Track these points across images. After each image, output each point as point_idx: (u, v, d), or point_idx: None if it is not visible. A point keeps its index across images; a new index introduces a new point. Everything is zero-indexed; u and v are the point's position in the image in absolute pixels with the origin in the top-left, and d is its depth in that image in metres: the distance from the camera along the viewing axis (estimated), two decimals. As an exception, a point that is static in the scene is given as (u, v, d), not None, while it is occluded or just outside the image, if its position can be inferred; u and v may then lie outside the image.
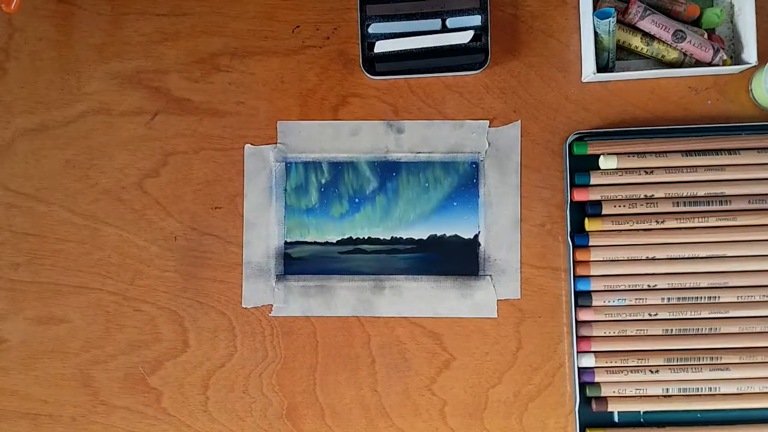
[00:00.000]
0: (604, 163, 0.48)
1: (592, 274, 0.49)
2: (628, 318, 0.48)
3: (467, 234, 0.50)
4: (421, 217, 0.50)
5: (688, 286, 0.48)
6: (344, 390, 0.50)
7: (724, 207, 0.48)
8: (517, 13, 0.51)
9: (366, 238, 0.50)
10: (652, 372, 0.48)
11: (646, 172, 0.48)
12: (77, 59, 0.51)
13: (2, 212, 0.51)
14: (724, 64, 0.48)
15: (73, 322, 0.51)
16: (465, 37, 0.49)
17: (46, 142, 0.51)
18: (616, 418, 0.49)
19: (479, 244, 0.50)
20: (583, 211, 0.49)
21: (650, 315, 0.48)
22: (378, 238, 0.50)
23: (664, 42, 0.49)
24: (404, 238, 0.50)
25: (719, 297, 0.48)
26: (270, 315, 0.50)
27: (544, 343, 0.50)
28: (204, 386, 0.50)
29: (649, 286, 0.48)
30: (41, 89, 0.51)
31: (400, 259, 0.50)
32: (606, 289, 0.49)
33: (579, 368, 0.48)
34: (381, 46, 0.49)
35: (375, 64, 0.50)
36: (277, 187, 0.51)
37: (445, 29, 0.49)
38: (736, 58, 0.50)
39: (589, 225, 0.49)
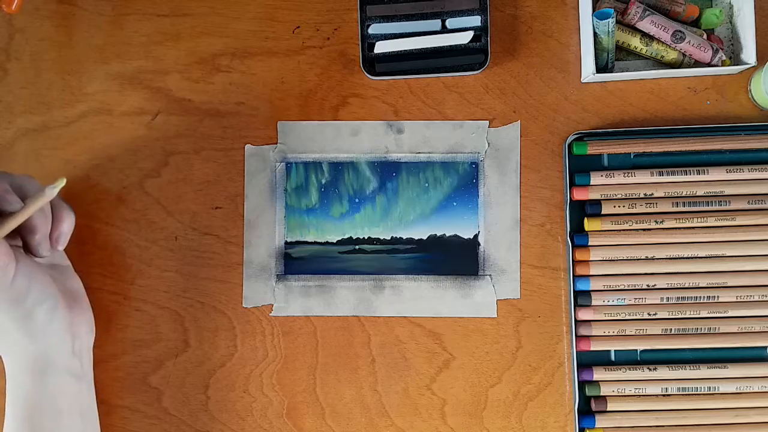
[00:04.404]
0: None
1: (591, 273, 0.49)
2: (628, 317, 0.49)
3: (467, 234, 0.50)
4: (421, 217, 0.51)
5: (687, 285, 0.49)
6: (344, 389, 0.50)
7: (723, 207, 0.48)
8: (517, 13, 0.51)
9: (366, 238, 0.51)
10: (650, 370, 0.48)
11: (651, 174, 0.48)
12: (78, 60, 0.51)
13: (3, 212, 0.51)
14: (723, 65, 0.49)
15: (73, 322, 0.51)
16: (465, 38, 0.49)
17: (47, 142, 0.51)
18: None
19: (479, 244, 0.50)
20: (582, 210, 0.50)
21: (649, 314, 0.48)
22: (378, 238, 0.51)
23: (663, 42, 0.49)
24: (404, 238, 0.51)
25: (718, 297, 0.48)
26: (270, 315, 0.50)
27: (543, 343, 0.50)
28: (204, 386, 0.50)
29: (648, 285, 0.49)
30: (42, 90, 0.51)
31: (400, 259, 0.50)
32: (605, 288, 0.49)
33: (578, 367, 0.49)
34: (381, 47, 0.49)
35: (375, 64, 0.50)
36: (278, 187, 0.51)
37: (444, 30, 0.49)
38: (735, 59, 0.50)
39: (589, 225, 0.49)
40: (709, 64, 0.49)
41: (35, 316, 0.43)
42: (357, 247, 0.51)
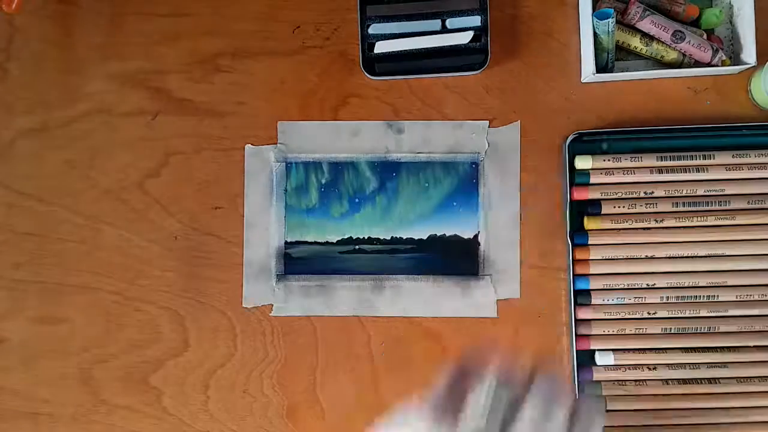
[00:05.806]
0: (579, 163, 0.48)
1: (591, 272, 0.49)
2: (627, 317, 0.49)
3: (467, 234, 0.50)
4: (421, 217, 0.51)
5: (687, 285, 0.49)
6: (344, 389, 0.50)
7: (723, 206, 0.48)
8: (517, 13, 0.51)
9: (366, 238, 0.51)
10: (650, 370, 0.48)
11: (651, 172, 0.48)
12: (78, 59, 0.51)
13: (3, 212, 0.51)
14: (723, 65, 0.49)
15: (73, 322, 0.51)
16: (465, 38, 0.49)
17: (47, 142, 0.51)
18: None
19: (479, 244, 0.50)
20: (582, 210, 0.50)
21: (649, 314, 0.48)
22: (378, 238, 0.51)
23: (663, 42, 0.49)
24: (404, 237, 0.50)
25: (718, 296, 0.48)
26: (270, 315, 0.50)
27: (543, 342, 0.50)
28: (204, 386, 0.50)
29: (648, 284, 0.49)
30: (42, 90, 0.51)
31: (400, 259, 0.50)
32: (605, 287, 0.49)
33: (578, 366, 0.49)
34: (381, 47, 0.49)
35: (375, 64, 0.50)
36: (278, 187, 0.51)
37: (444, 30, 0.49)
38: (735, 59, 0.50)
39: (588, 224, 0.49)
40: (709, 64, 0.49)
41: None
42: (357, 247, 0.51)
